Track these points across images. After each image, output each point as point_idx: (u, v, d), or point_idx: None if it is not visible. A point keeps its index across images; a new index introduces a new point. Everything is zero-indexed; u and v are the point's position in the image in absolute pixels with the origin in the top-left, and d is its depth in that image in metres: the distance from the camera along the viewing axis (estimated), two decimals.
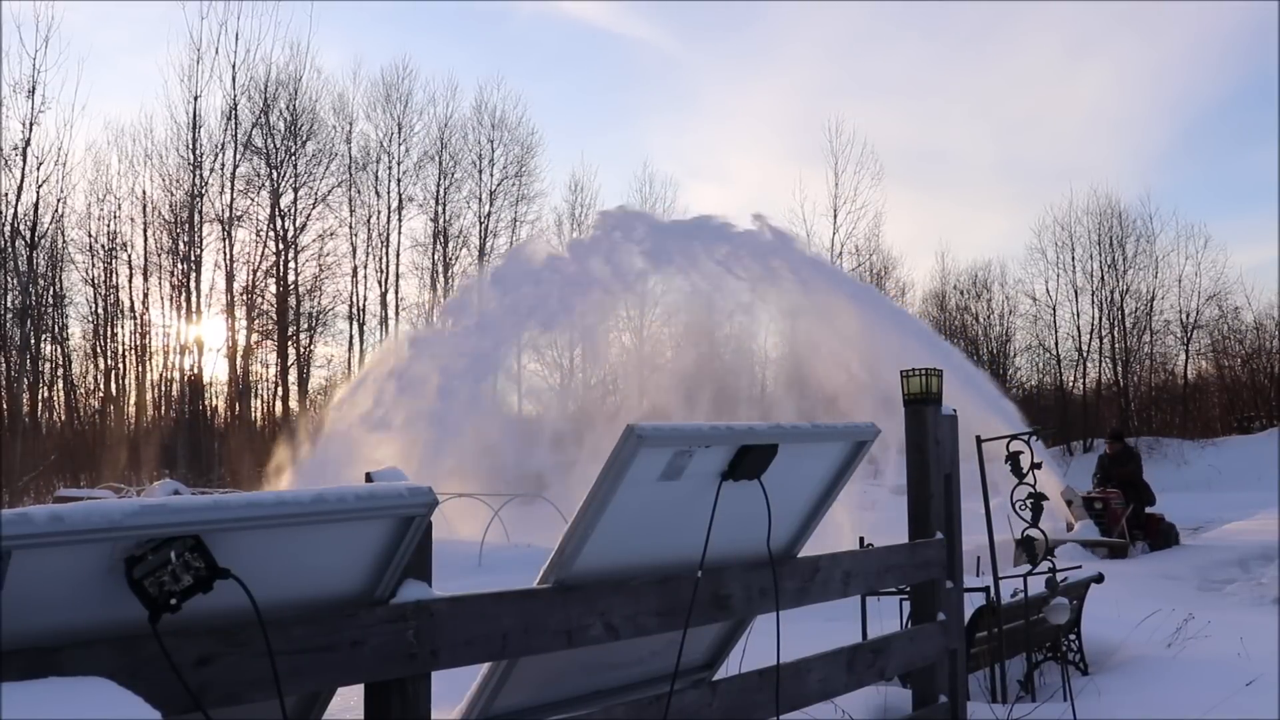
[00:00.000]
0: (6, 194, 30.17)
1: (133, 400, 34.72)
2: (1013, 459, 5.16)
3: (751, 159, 53.52)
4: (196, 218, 32.80)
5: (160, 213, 33.54)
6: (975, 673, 5.29)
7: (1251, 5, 42.16)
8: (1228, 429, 33.98)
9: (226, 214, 33.11)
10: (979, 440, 5.69)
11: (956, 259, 55.54)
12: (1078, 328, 36.61)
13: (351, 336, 36.04)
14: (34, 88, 29.87)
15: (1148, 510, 14.94)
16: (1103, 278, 36.07)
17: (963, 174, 51.84)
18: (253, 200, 33.87)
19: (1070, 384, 37.32)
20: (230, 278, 33.30)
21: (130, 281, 34.32)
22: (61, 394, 34.85)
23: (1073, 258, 36.55)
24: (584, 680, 3.33)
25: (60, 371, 34.61)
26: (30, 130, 30.10)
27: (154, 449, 31.09)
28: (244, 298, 33.85)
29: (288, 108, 33.92)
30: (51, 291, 33.35)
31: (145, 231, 33.84)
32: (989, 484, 5.63)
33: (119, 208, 33.75)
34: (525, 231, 36.09)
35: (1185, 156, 51.15)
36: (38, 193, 30.73)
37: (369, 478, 2.39)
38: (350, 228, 35.49)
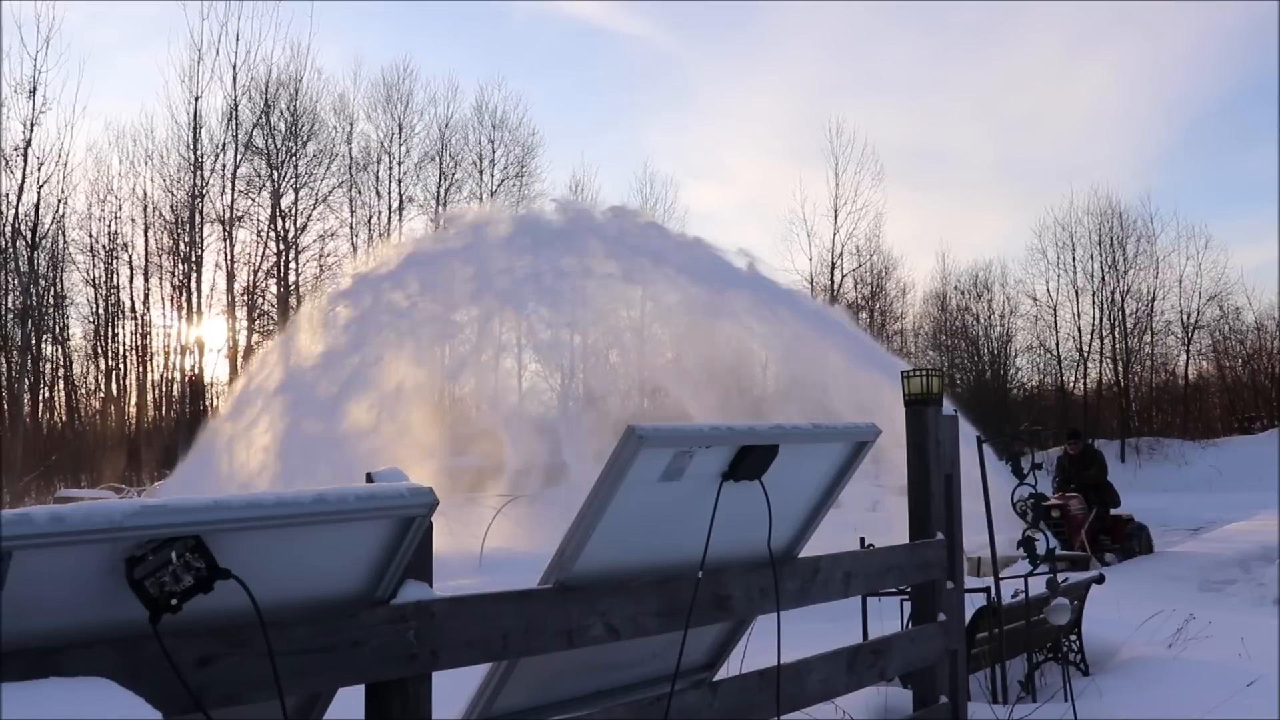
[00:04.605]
0: (8, 194, 30.20)
1: (133, 401, 34.73)
2: (1013, 459, 5.16)
3: (751, 158, 53.56)
4: (197, 218, 32.81)
5: (161, 213, 33.57)
6: (976, 673, 5.28)
7: (1251, 5, 42.22)
8: (1229, 429, 33.95)
9: (227, 214, 33.12)
10: (980, 440, 5.69)
11: (957, 259, 55.50)
12: (1078, 328, 36.59)
13: None
14: (35, 88, 29.90)
15: (1113, 512, 13.57)
16: (1103, 278, 36.04)
17: (963, 174, 51.84)
18: (253, 201, 33.87)
19: (1071, 384, 37.32)
20: (231, 278, 33.32)
21: (131, 282, 34.36)
22: (62, 394, 34.88)
23: (1073, 258, 36.52)
24: (585, 681, 3.33)
25: (61, 372, 34.65)
26: (31, 131, 30.09)
27: (155, 449, 31.09)
28: (245, 298, 33.87)
29: (288, 108, 33.92)
30: (52, 292, 33.36)
31: (146, 232, 33.87)
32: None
33: (120, 208, 33.79)
34: None
35: (1185, 156, 51.20)
36: (39, 193, 30.74)
37: (369, 478, 2.39)
38: (351, 228, 35.49)
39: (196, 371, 33.82)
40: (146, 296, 34.39)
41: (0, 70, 29.83)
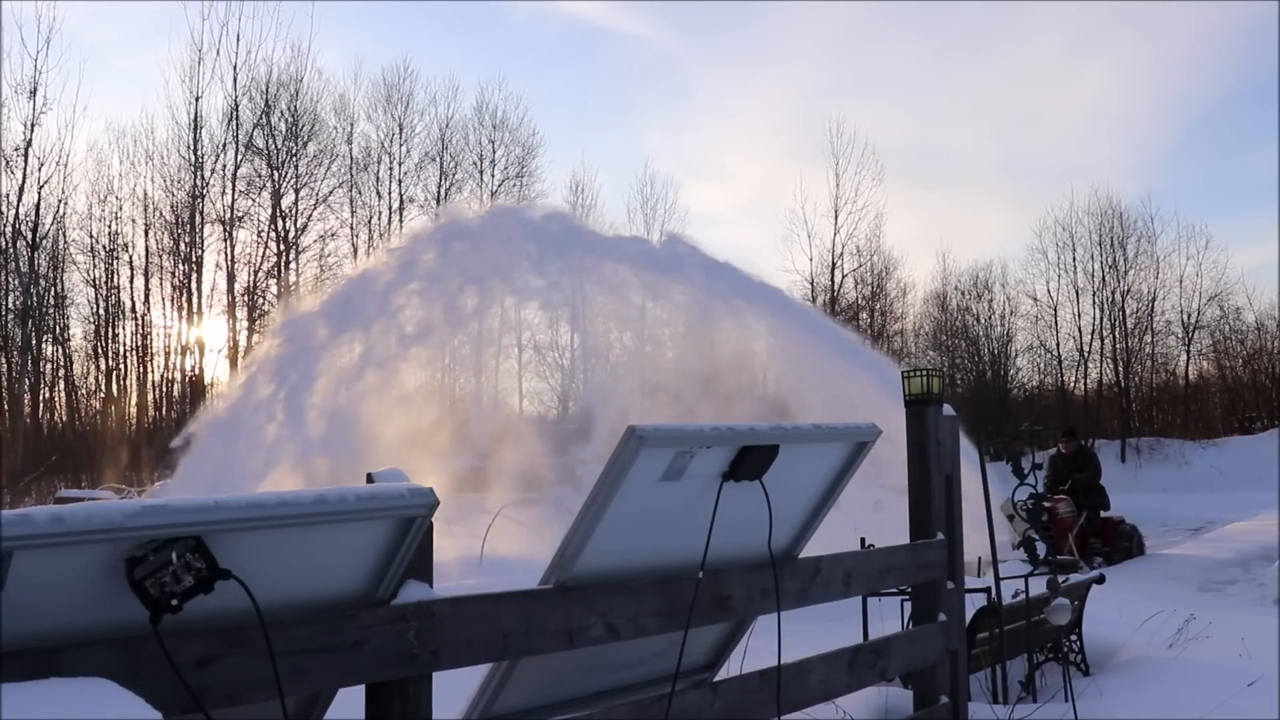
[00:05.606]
0: (8, 195, 30.20)
1: (134, 401, 34.73)
2: (1014, 460, 5.16)
3: (751, 158, 53.41)
4: (198, 218, 32.82)
5: (161, 213, 33.56)
6: (976, 673, 5.28)
7: (1251, 5, 42.18)
8: (1229, 429, 33.93)
9: (228, 215, 33.13)
10: (979, 441, 5.68)
11: (957, 259, 55.42)
12: (1079, 328, 36.55)
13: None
14: (35, 88, 29.90)
15: (1103, 514, 13.24)
16: (1104, 278, 36.02)
17: (963, 174, 51.70)
18: (254, 201, 33.86)
19: (1071, 385, 37.31)
20: (231, 278, 33.31)
21: (131, 282, 34.32)
22: (63, 395, 34.86)
23: (1074, 258, 36.50)
24: (585, 681, 3.33)
25: (61, 372, 34.63)
26: (32, 131, 30.07)
27: (155, 449, 31.07)
28: (245, 299, 33.88)
29: (289, 108, 33.92)
30: (53, 292, 33.35)
31: (146, 232, 33.85)
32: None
33: (120, 208, 33.75)
34: None
35: (1186, 156, 51.09)
36: (39, 194, 30.73)
37: (370, 478, 2.39)
38: (351, 228, 35.48)
39: (197, 372, 33.83)
40: (147, 296, 34.40)
41: (0, 70, 29.86)
